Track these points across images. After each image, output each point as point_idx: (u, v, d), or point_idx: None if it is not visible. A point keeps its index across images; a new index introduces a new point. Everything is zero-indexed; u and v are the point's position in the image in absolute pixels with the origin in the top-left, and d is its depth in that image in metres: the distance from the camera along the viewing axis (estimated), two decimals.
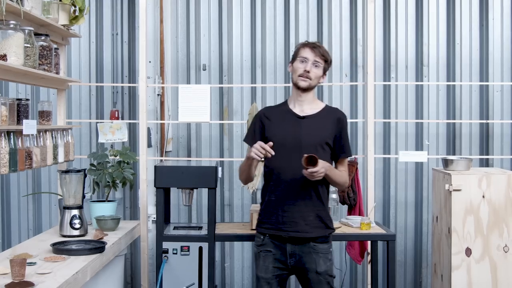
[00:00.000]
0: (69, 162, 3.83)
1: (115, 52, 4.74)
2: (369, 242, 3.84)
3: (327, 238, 2.94)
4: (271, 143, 2.74)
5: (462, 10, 4.74)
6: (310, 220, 2.88)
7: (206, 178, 3.43)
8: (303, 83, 2.89)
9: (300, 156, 2.74)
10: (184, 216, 4.74)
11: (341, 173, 2.96)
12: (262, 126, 2.98)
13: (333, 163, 2.99)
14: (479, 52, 4.73)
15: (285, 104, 3.03)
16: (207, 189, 3.47)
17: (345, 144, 2.98)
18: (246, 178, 3.04)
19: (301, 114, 2.94)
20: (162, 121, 4.53)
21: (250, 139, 3.00)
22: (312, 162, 2.69)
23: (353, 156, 3.82)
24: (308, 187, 2.86)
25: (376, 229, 3.61)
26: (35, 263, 2.72)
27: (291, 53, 3.18)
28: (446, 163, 3.77)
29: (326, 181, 2.90)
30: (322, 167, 2.71)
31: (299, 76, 2.89)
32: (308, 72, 2.87)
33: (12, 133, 2.89)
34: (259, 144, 2.74)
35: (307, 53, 2.89)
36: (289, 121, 2.93)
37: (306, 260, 2.89)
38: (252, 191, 4.01)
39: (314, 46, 2.90)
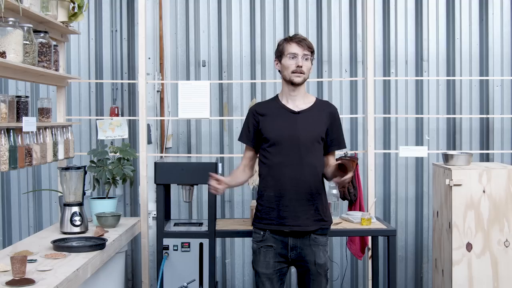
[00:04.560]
0: (69, 159, 3.82)
1: (115, 48, 4.74)
2: (369, 238, 3.85)
3: (326, 230, 2.98)
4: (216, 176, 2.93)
5: (462, 4, 4.72)
6: (311, 214, 2.90)
7: (206, 174, 3.41)
8: (298, 79, 2.90)
9: (298, 151, 2.84)
10: (185, 213, 4.74)
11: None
12: (256, 123, 2.99)
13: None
14: (479, 46, 4.72)
15: (276, 99, 3.02)
16: (207, 185, 3.46)
17: (338, 136, 3.00)
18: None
19: (296, 109, 2.95)
20: (162, 118, 4.52)
21: (245, 137, 3.04)
22: (342, 168, 2.70)
23: (353, 152, 3.82)
24: (308, 182, 2.88)
25: (377, 225, 3.61)
26: (35, 260, 2.72)
27: None
28: (447, 158, 3.77)
29: (323, 175, 2.96)
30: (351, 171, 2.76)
31: (293, 72, 2.89)
32: (301, 67, 2.88)
33: (12, 130, 2.89)
34: (212, 179, 2.92)
35: (294, 48, 2.89)
36: (285, 117, 2.94)
37: (306, 252, 2.90)
38: (252, 186, 4.01)
39: (300, 40, 2.91)
